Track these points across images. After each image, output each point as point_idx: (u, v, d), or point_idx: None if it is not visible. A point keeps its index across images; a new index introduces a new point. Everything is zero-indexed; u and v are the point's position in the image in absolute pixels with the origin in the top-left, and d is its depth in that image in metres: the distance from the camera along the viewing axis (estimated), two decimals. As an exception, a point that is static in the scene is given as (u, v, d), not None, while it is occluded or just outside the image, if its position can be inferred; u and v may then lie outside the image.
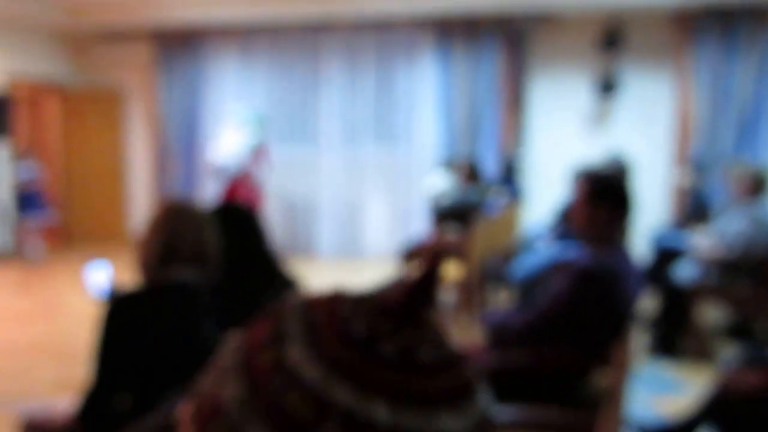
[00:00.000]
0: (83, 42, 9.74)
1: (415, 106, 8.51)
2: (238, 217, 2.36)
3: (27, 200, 8.92)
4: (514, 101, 8.13)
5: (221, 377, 0.52)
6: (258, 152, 7.75)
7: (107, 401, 1.95)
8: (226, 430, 0.49)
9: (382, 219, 8.79)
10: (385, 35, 8.55)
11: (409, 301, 0.52)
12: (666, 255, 5.37)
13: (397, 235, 8.58)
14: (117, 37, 9.49)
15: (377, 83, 8.65)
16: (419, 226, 8.04)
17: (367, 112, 8.70)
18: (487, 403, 0.54)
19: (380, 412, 0.47)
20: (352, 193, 8.89)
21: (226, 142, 7.80)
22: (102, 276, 2.52)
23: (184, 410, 0.54)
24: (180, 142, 9.28)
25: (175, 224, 2.03)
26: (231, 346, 0.54)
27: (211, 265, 2.08)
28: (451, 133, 8.28)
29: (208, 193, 8.88)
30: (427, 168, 8.27)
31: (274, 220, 8.78)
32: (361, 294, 0.54)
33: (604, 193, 2.70)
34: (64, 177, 9.81)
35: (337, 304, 0.53)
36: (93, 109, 9.64)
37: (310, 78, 8.90)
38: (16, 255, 8.55)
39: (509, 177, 7.29)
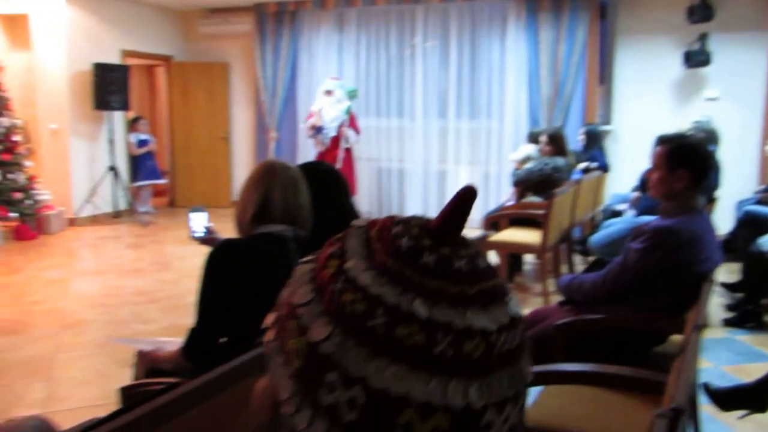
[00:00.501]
0: (190, 17, 10.30)
1: (503, 77, 8.53)
2: (322, 174, 2.51)
3: (139, 165, 9.63)
4: (601, 73, 8.04)
5: (295, 288, 0.63)
6: (348, 122, 8.13)
7: (208, 338, 2.20)
8: (297, 328, 0.59)
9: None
10: (475, 7, 8.60)
11: (446, 223, 0.60)
12: (752, 225, 5.28)
13: (481, 203, 8.71)
14: (221, 12, 9.99)
15: (466, 55, 8.72)
16: (503, 196, 8.13)
17: (456, 83, 8.79)
18: (517, 311, 0.60)
19: (419, 307, 0.55)
20: (440, 162, 9.05)
21: (321, 112, 8.20)
22: (200, 220, 2.78)
23: (268, 318, 0.65)
24: (279, 112, 9.69)
25: (269, 184, 2.18)
26: (305, 265, 0.65)
27: (302, 222, 2.23)
28: (537, 105, 8.29)
29: (307, 158, 9.27)
30: (513, 139, 8.34)
31: (366, 187, 9.15)
32: (409, 217, 0.63)
33: (682, 156, 2.63)
34: (171, 145, 10.45)
35: (389, 224, 0.62)
36: (198, 80, 10.19)
37: (400, 51, 9.08)
38: (129, 215, 9.24)
39: (595, 148, 7.26)
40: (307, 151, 9.39)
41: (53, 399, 3.66)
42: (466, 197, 0.60)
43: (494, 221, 6.05)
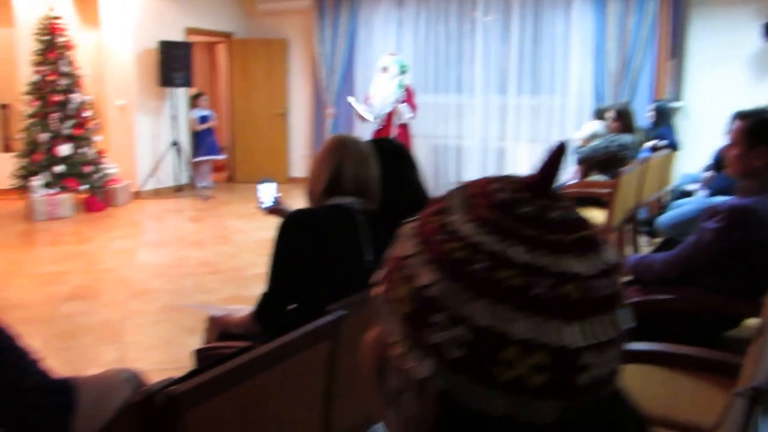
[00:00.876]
0: (251, -7, 10.38)
1: (567, 51, 8.34)
2: (391, 150, 2.57)
3: (200, 141, 9.81)
4: (673, 46, 7.77)
5: (401, 244, 0.68)
6: (404, 97, 8.06)
7: (279, 304, 2.25)
8: (404, 277, 0.64)
9: (528, 165, 8.76)
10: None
11: (542, 178, 0.65)
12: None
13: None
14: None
15: (529, 29, 8.55)
16: (565, 174, 7.98)
17: (518, 58, 8.64)
18: (613, 260, 0.63)
19: (517, 253, 0.59)
20: (499, 139, 8.93)
21: (376, 88, 8.19)
22: (269, 191, 2.84)
23: (377, 274, 0.69)
24: (336, 88, 9.71)
25: (341, 158, 2.22)
26: (410, 224, 0.69)
27: (371, 195, 2.27)
28: (603, 80, 8.08)
29: (363, 135, 9.28)
30: (576, 115, 8.17)
31: (422, 164, 9.04)
32: (505, 175, 0.68)
33: (762, 133, 2.52)
34: (230, 121, 10.60)
35: (486, 182, 0.67)
36: (258, 57, 10.28)
37: (460, 26, 8.96)
38: (190, 189, 9.44)
39: (664, 126, 7.04)
40: (364, 128, 9.38)
41: (124, 361, 3.78)
42: (558, 153, 0.64)
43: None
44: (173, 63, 8.83)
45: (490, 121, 8.92)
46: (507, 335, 0.58)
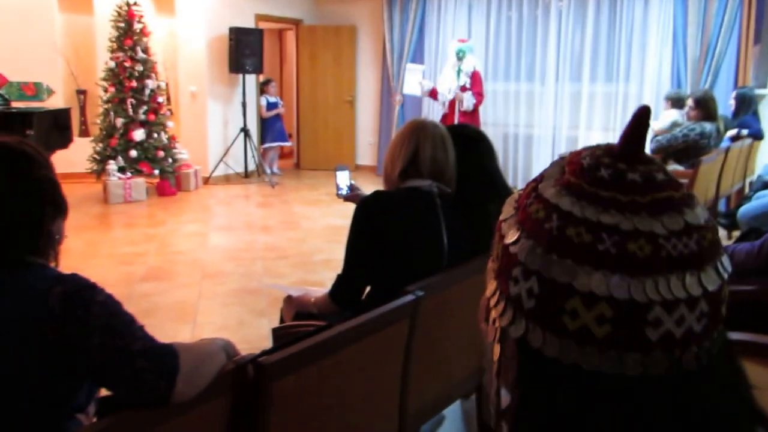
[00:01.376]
0: (320, -20, 10.42)
1: (645, 37, 8.05)
2: (468, 137, 2.54)
3: (268, 127, 9.94)
4: (757, 30, 7.39)
5: (505, 208, 0.75)
6: (468, 84, 7.94)
7: (355, 284, 2.26)
8: (499, 237, 0.72)
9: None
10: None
11: (625, 142, 0.68)
12: None
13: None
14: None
15: (604, 14, 8.29)
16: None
17: (593, 44, 8.40)
18: (695, 221, 0.65)
19: (588, 212, 0.65)
20: (571, 128, 8.72)
21: (443, 74, 8.11)
22: (344, 178, 2.88)
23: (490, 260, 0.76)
24: (404, 74, 9.62)
25: (418, 140, 2.23)
26: (514, 193, 0.77)
27: (448, 179, 2.28)
28: (683, 67, 7.78)
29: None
30: (653, 103, 7.89)
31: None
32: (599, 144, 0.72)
33: None
34: (297, 107, 10.68)
35: (581, 150, 0.72)
36: (326, 43, 10.31)
37: (533, 11, 8.78)
38: (258, 175, 9.56)
39: (747, 114, 6.73)
40: (432, 116, 9.34)
41: (198, 341, 3.85)
42: (641, 117, 0.67)
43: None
44: (244, 49, 8.94)
45: (563, 109, 8.71)
46: (572, 287, 0.64)
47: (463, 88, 8.02)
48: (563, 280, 0.64)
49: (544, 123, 8.83)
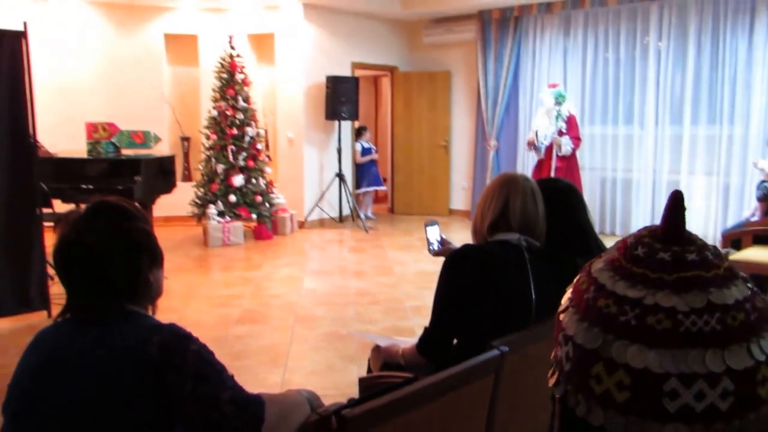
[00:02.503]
0: (414, 27, 10.60)
1: (750, 77, 7.63)
2: (558, 190, 2.48)
3: (363, 173, 10.10)
4: None
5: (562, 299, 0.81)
6: (565, 128, 7.85)
7: (443, 337, 2.21)
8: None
9: (705, 200, 8.12)
10: (718, 1, 7.83)
11: (663, 224, 0.74)
12: None
13: (720, 217, 7.96)
14: (445, 21, 10.15)
15: (706, 54, 7.96)
16: (746, 210, 7.30)
17: (694, 85, 8.05)
18: (721, 301, 0.68)
19: (618, 286, 0.72)
20: (672, 172, 8.37)
21: (536, 121, 8.05)
22: (435, 233, 2.87)
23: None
24: (499, 120, 9.60)
25: (509, 194, 2.21)
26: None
27: (538, 233, 2.24)
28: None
29: (525, 168, 9.12)
30: (759, 146, 7.47)
31: (588, 197, 8.69)
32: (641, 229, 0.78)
33: None
34: (392, 152, 10.79)
35: (628, 237, 0.78)
36: (421, 89, 10.42)
37: (631, 53, 8.57)
38: (352, 220, 9.68)
39: None
40: (527, 161, 9.23)
41: (288, 384, 3.88)
42: (677, 200, 0.74)
43: (735, 238, 5.47)
44: (340, 97, 9.16)
45: (663, 152, 8.36)
46: (597, 353, 0.70)
47: (560, 133, 7.92)
48: (590, 346, 0.71)
49: (644, 167, 8.51)
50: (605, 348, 0.69)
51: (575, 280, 0.79)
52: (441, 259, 2.28)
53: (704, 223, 8.11)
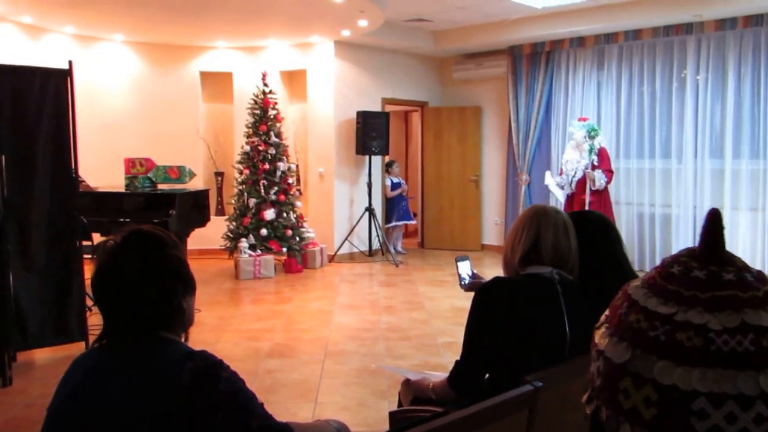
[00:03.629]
0: (445, 63, 10.68)
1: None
2: (592, 222, 2.44)
3: (392, 207, 10.12)
4: None
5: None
6: (596, 162, 7.79)
7: (474, 370, 2.18)
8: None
9: (748, 236, 7.91)
10: (757, 34, 7.73)
11: (701, 245, 0.75)
12: None
13: (767, 259, 7.75)
14: (475, 56, 10.22)
15: (747, 87, 7.81)
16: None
17: (734, 119, 7.89)
18: (757, 322, 0.67)
19: (651, 303, 0.72)
20: (716, 207, 8.18)
21: (566, 156, 8.01)
22: (465, 268, 2.86)
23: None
24: (531, 154, 9.55)
25: (540, 227, 2.18)
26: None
27: (571, 266, 2.20)
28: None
29: (557, 202, 9.04)
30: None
31: (625, 233, 8.55)
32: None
33: None
34: (422, 187, 10.80)
35: (667, 257, 0.79)
36: (451, 123, 10.45)
37: (667, 86, 8.48)
38: (382, 254, 9.67)
39: None
40: (558, 193, 9.15)
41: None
42: (714, 219, 0.75)
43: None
44: (371, 132, 9.22)
45: (703, 187, 8.17)
46: (625, 367, 0.70)
47: (592, 167, 7.84)
48: (618, 360, 0.71)
49: (683, 202, 8.33)
50: (633, 362, 0.69)
51: (613, 299, 0.80)
52: (473, 295, 2.26)
53: (750, 260, 7.89)
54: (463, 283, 2.85)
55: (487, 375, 2.20)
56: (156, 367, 1.43)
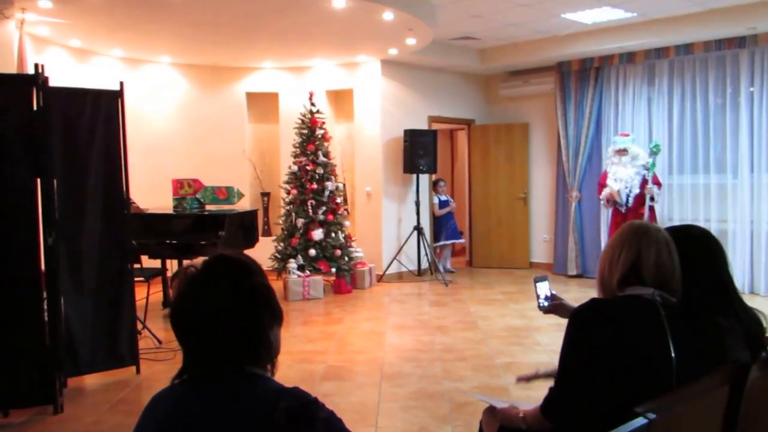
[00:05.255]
0: (491, 81, 10.58)
1: None
2: (695, 238, 2.27)
3: (441, 226, 9.98)
4: None
5: None
6: (652, 178, 7.67)
7: (571, 398, 2.02)
8: None
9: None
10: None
11: None
12: None
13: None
14: (522, 73, 10.09)
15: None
16: None
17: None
18: None
19: None
20: (772, 223, 7.92)
21: (615, 172, 7.85)
22: (544, 289, 2.72)
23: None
24: (582, 171, 9.36)
25: (641, 246, 2.05)
26: None
27: (674, 287, 2.05)
28: None
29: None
30: None
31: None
32: None
33: None
34: (469, 205, 10.65)
35: None
36: (498, 141, 10.32)
37: (721, 100, 8.26)
38: (430, 273, 9.51)
39: None
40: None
41: (382, 448, 3.70)
42: None
43: None
44: (418, 150, 9.13)
45: (760, 202, 7.92)
46: None
47: (644, 181, 7.73)
48: None
49: (740, 217, 8.08)
50: None
51: None
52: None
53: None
54: (541, 304, 2.72)
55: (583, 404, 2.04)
56: (245, 407, 1.32)
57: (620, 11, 7.52)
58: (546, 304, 2.71)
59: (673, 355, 1.96)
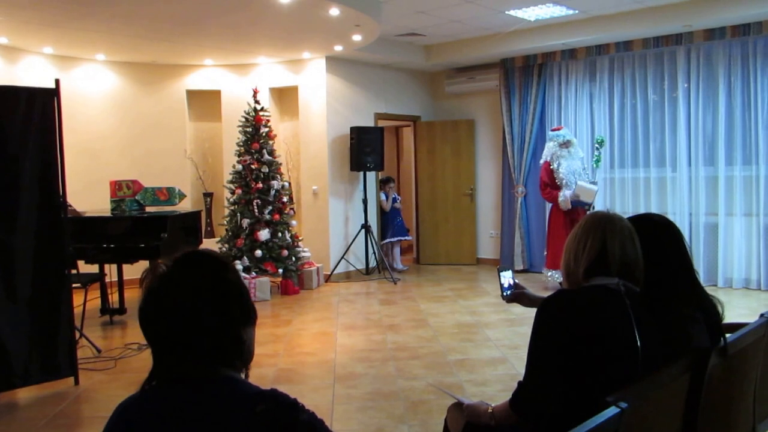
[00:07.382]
0: (437, 78, 10.58)
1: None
2: (654, 226, 2.25)
3: (388, 223, 9.92)
4: None
5: None
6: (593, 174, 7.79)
7: (540, 391, 1.97)
8: None
9: (746, 241, 7.87)
10: (746, 44, 7.76)
11: None
12: None
13: (762, 258, 7.70)
14: (467, 70, 10.12)
15: (737, 96, 7.83)
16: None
17: (726, 127, 7.91)
18: None
19: None
20: (709, 214, 8.13)
21: (567, 166, 7.91)
22: (507, 278, 2.70)
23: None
24: (527, 166, 9.44)
25: (605, 236, 2.02)
26: None
27: (637, 276, 2.04)
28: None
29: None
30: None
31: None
32: None
33: None
34: (416, 202, 10.63)
35: None
36: (444, 138, 10.32)
37: (659, 96, 8.46)
38: (378, 272, 9.44)
39: None
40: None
41: (339, 451, 3.60)
42: None
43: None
44: (364, 147, 9.05)
45: (698, 194, 8.16)
46: None
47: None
48: None
49: (679, 210, 8.28)
50: None
51: None
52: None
53: (746, 264, 7.85)
54: (505, 293, 2.70)
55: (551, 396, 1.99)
56: (221, 412, 1.24)
57: (562, 8, 7.60)
58: (510, 293, 2.69)
59: (638, 344, 1.93)
